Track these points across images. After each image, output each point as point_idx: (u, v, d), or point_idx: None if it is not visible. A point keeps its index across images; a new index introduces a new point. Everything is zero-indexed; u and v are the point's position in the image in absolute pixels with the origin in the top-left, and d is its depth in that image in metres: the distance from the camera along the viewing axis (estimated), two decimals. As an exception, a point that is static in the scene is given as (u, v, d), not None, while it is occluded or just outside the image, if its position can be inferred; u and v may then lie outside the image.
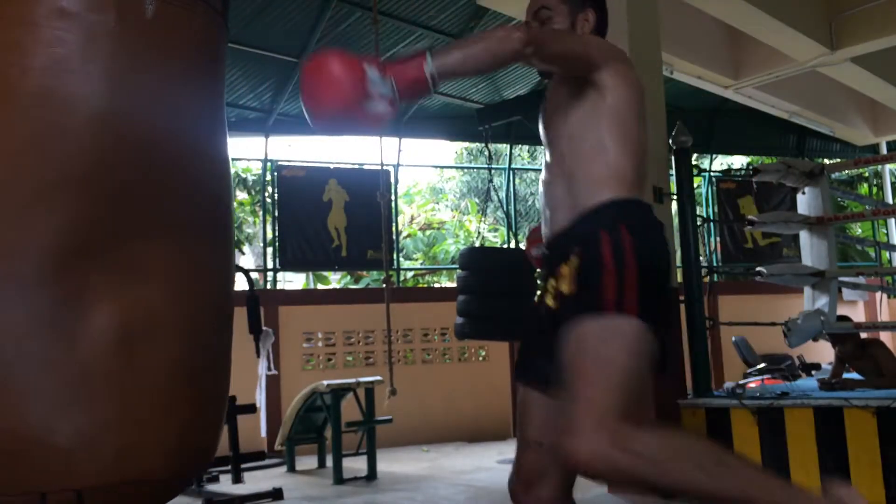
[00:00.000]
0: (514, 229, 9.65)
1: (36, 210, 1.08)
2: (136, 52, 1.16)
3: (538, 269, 6.04)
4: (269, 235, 8.54)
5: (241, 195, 12.65)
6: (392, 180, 9.03)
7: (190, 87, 1.25)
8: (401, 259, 10.87)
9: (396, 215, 9.50)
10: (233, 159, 12.52)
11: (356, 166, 9.29)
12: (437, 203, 15.98)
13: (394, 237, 9.26)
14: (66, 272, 1.09)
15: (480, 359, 8.37)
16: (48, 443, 1.07)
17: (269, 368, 5.35)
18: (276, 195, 8.41)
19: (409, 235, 14.00)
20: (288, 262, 8.36)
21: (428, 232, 14.48)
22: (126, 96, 1.14)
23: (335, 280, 12.70)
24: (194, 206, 1.25)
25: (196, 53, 1.25)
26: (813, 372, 6.19)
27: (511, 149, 10.44)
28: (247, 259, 13.33)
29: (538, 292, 1.84)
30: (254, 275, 7.96)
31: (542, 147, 1.93)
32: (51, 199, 1.08)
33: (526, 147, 13.65)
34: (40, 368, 1.08)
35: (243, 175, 12.44)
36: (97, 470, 1.11)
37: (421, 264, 13.56)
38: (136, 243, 1.15)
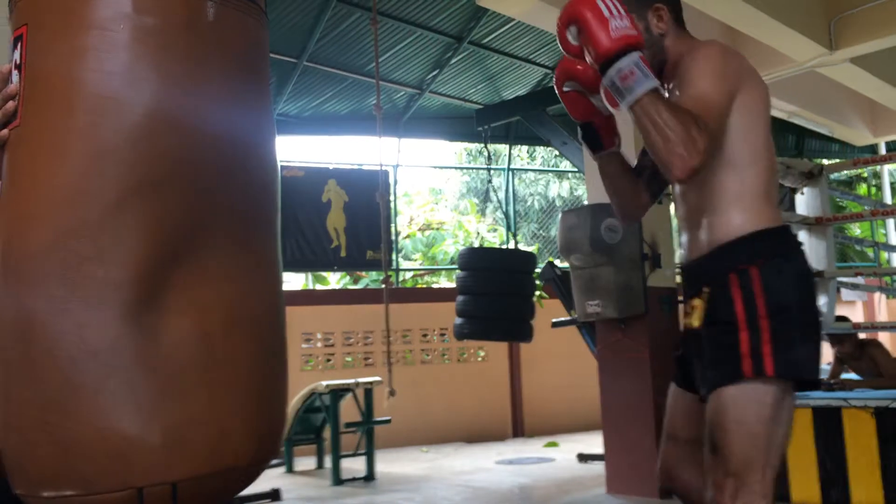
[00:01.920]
0: (513, 230, 9.65)
1: (121, 214, 1.14)
2: (199, 54, 1.20)
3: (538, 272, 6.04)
4: (268, 236, 8.53)
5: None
6: (391, 181, 9.03)
7: (246, 87, 1.30)
8: (400, 259, 10.89)
9: (395, 216, 9.51)
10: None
11: (355, 167, 9.29)
12: (437, 203, 15.98)
13: (393, 238, 9.27)
14: (150, 274, 1.15)
15: (479, 359, 8.37)
16: (143, 439, 1.13)
17: (267, 369, 5.34)
18: (275, 195, 8.40)
19: (408, 236, 14.00)
20: (287, 262, 8.34)
21: (427, 232, 14.49)
22: (194, 99, 1.18)
23: (334, 280, 12.69)
24: (256, 205, 1.31)
25: (250, 53, 1.30)
26: (812, 372, 6.19)
27: (510, 149, 10.44)
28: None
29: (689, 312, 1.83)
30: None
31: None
32: (134, 203, 1.14)
33: (525, 147, 13.66)
34: (132, 368, 1.14)
35: (242, 175, 12.44)
36: (190, 462, 1.16)
37: (420, 265, 13.56)
38: (210, 243, 1.21)
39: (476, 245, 8.88)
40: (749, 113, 1.70)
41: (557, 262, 6.65)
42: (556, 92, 1.88)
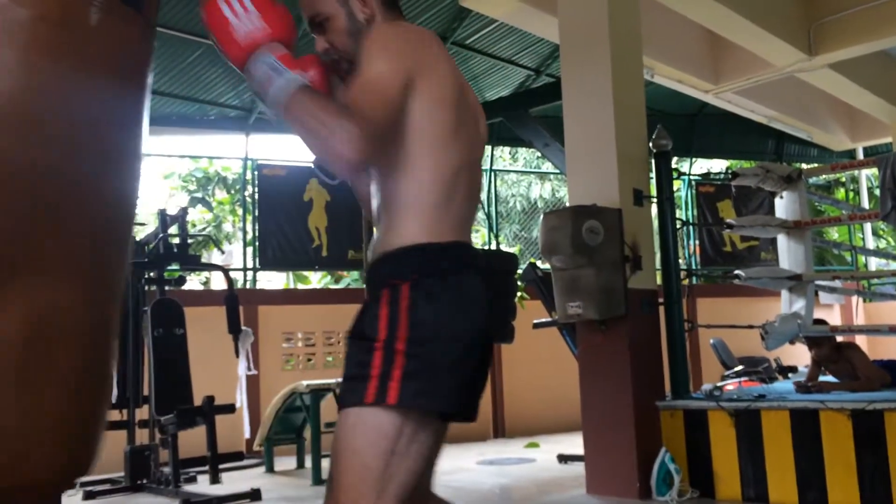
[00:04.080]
0: (495, 231, 9.66)
1: None
2: (68, 55, 1.13)
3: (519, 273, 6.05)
4: (249, 235, 8.49)
5: (221, 194, 12.58)
6: (373, 180, 9.01)
7: (116, 98, 1.22)
8: (381, 259, 10.85)
9: (377, 215, 9.48)
10: (213, 158, 12.46)
11: (337, 166, 9.25)
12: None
13: (375, 237, 9.24)
14: None
15: (460, 360, 8.37)
16: None
17: (248, 368, 5.32)
18: (256, 194, 8.36)
19: (390, 236, 13.95)
20: (268, 261, 8.32)
21: (409, 232, 14.45)
22: (49, 99, 1.10)
23: (315, 280, 12.65)
24: (103, 215, 1.22)
25: (126, 65, 1.23)
26: (789, 374, 6.25)
27: (492, 150, 10.45)
28: (224, 258, 13.23)
29: None
30: (233, 274, 7.91)
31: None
32: None
33: (507, 149, 13.68)
34: None
35: (223, 174, 12.38)
36: None
37: (402, 265, 13.53)
38: (48, 246, 1.13)
39: (458, 246, 8.87)
40: (426, 104, 1.46)
41: (539, 264, 6.67)
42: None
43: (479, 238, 12.52)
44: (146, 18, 1.25)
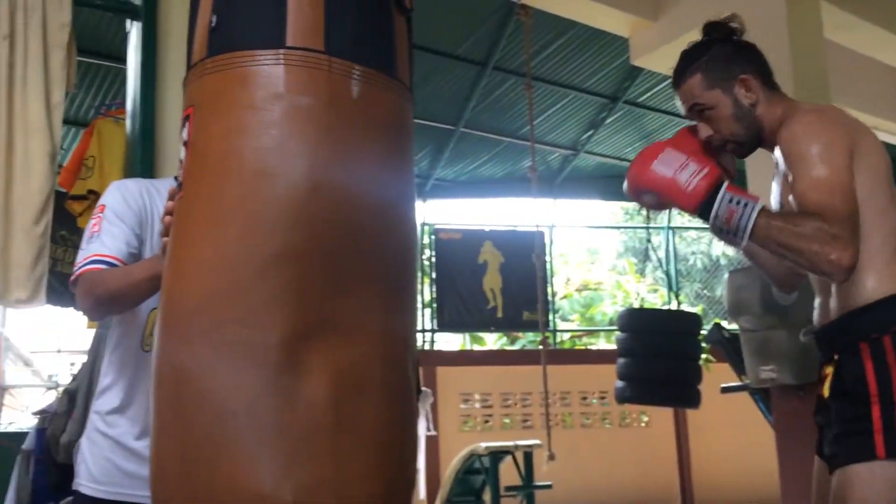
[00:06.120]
0: (674, 289, 9.32)
1: (266, 279, 1.24)
2: (339, 128, 1.31)
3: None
4: (427, 297, 8.74)
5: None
6: (547, 241, 9.03)
7: (388, 157, 1.39)
8: (557, 320, 10.78)
9: (552, 276, 9.47)
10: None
11: (511, 228, 9.38)
12: (593, 264, 15.76)
13: (549, 298, 9.21)
14: (292, 337, 1.23)
15: (643, 424, 8.06)
16: (275, 498, 1.16)
17: (428, 429, 5.42)
18: (433, 258, 8.63)
19: (565, 296, 13.85)
20: (444, 323, 8.51)
21: (584, 293, 14.27)
22: (333, 170, 1.28)
23: (491, 341, 12.75)
24: (393, 269, 1.36)
25: (392, 126, 1.39)
26: None
27: (670, 207, 10.19)
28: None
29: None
30: (413, 336, 8.18)
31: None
32: (275, 269, 1.23)
33: (685, 204, 13.29)
34: (269, 428, 1.20)
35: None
36: None
37: (577, 326, 13.35)
38: (343, 307, 1.28)
39: (636, 305, 8.65)
40: (867, 169, 1.58)
41: (725, 324, 6.34)
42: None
43: (658, 298, 12.11)
44: (402, 83, 1.40)
